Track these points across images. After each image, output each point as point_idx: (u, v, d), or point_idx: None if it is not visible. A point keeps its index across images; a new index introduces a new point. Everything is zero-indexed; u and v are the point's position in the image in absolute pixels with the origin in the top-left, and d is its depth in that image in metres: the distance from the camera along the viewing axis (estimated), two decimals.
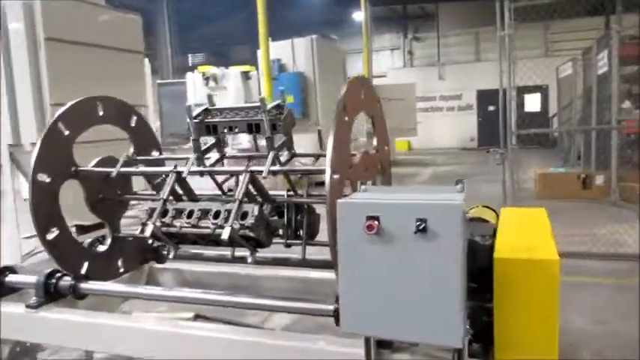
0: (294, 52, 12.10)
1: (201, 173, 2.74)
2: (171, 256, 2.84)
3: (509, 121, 5.77)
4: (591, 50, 10.58)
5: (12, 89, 5.72)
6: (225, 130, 2.72)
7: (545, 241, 2.09)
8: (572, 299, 4.48)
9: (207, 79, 16.28)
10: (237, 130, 2.69)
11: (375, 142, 2.78)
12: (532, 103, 20.98)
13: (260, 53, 11.00)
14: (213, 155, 2.94)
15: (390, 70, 23.29)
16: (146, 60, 13.89)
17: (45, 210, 2.79)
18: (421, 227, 1.70)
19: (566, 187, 8.35)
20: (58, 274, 2.90)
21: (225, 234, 2.38)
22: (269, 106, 2.63)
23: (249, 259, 2.64)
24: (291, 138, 2.86)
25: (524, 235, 2.26)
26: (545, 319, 1.88)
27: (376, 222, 1.75)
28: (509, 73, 5.75)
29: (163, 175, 2.89)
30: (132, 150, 3.21)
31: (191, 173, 2.65)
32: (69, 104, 2.79)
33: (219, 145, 2.93)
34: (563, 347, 3.55)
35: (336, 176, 2.17)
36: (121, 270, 3.42)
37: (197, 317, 3.27)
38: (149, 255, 3.49)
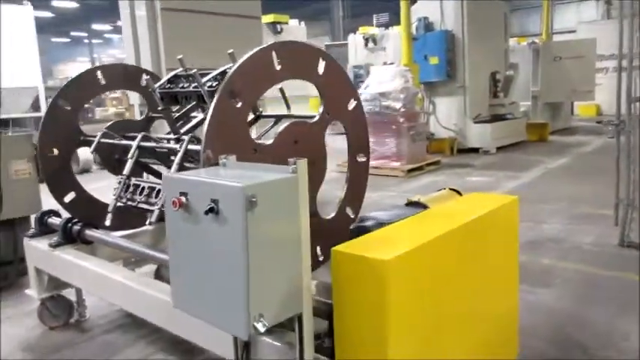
0: (443, 9, 11.34)
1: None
2: (147, 222, 3.06)
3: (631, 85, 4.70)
4: None
5: (138, 57, 6.54)
6: (184, 100, 2.80)
7: (419, 238, 1.78)
8: None
9: (366, 40, 16.33)
10: (191, 100, 2.75)
11: (320, 108, 2.55)
12: None
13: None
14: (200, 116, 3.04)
15: (581, 24, 20.25)
16: (302, 23, 14.47)
17: (57, 178, 3.23)
18: (209, 208, 1.62)
19: None
20: (75, 221, 3.38)
21: (153, 216, 2.50)
22: (214, 73, 2.63)
23: None
24: None
25: (420, 227, 1.95)
26: (374, 322, 1.64)
27: (183, 198, 1.71)
28: (631, 27, 4.64)
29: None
30: (145, 110, 3.51)
31: (141, 149, 2.80)
32: (68, 81, 3.14)
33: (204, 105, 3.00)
34: None
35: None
36: (152, 220, 3.81)
37: None
38: None
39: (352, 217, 2.84)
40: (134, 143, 2.80)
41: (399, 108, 9.20)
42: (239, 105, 2.16)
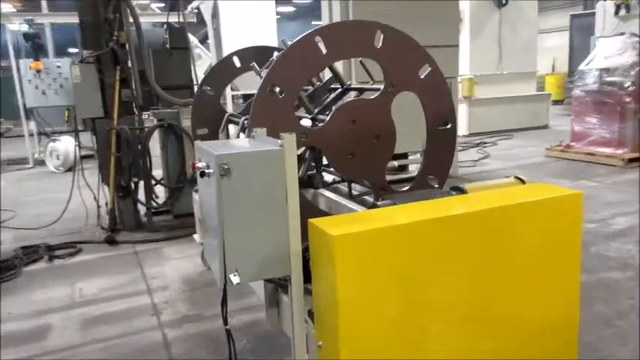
0: None
1: None
2: None
3: None
4: None
5: None
6: None
7: (395, 220, 1.74)
8: None
9: (617, 6, 14.04)
10: None
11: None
12: None
13: None
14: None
15: None
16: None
17: None
18: (201, 172, 1.90)
19: None
20: None
21: None
22: None
23: None
24: (335, 73, 2.90)
25: (416, 211, 1.88)
26: (330, 293, 1.71)
27: (198, 162, 2.02)
28: None
29: None
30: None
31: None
32: (209, 70, 3.65)
33: None
34: None
35: None
36: None
37: None
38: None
39: (436, 187, 2.75)
40: (240, 122, 3.21)
41: (627, 86, 7.87)
42: (282, 96, 2.30)
